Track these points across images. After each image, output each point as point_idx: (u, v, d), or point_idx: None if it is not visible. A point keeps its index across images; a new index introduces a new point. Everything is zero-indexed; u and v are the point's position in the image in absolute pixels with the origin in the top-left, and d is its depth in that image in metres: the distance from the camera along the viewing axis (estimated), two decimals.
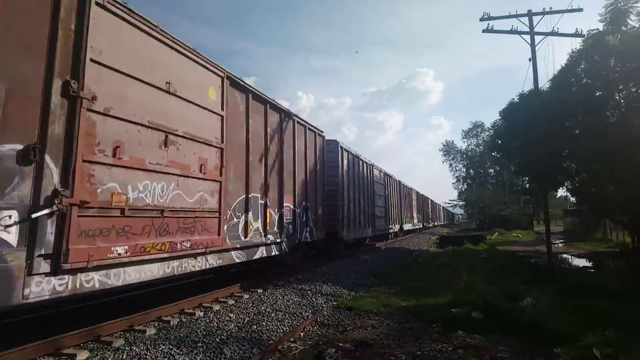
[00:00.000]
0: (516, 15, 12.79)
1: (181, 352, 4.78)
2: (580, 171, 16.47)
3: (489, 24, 13.13)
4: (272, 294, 8.05)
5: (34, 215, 3.90)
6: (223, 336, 5.41)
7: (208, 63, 6.80)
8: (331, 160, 13.94)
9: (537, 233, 33.98)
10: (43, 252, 3.99)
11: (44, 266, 3.99)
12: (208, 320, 6.06)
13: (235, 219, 7.44)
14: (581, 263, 16.71)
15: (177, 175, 5.89)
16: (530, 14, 12.70)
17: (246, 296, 7.79)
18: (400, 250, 20.47)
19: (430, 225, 48.50)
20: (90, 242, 4.48)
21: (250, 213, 7.89)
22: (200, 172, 6.41)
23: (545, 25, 19.28)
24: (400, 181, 27.81)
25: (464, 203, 63.49)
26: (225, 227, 6.99)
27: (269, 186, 8.74)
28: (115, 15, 4.97)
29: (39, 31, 4.10)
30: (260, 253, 8.27)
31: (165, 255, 5.52)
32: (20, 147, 3.84)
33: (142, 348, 4.82)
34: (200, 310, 6.62)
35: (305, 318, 6.64)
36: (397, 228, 26.08)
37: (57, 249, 4.11)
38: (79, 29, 4.47)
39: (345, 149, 15.37)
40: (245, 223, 7.73)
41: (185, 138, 6.09)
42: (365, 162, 18.34)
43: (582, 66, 14.94)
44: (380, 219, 20.86)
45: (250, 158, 8.01)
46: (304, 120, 11.09)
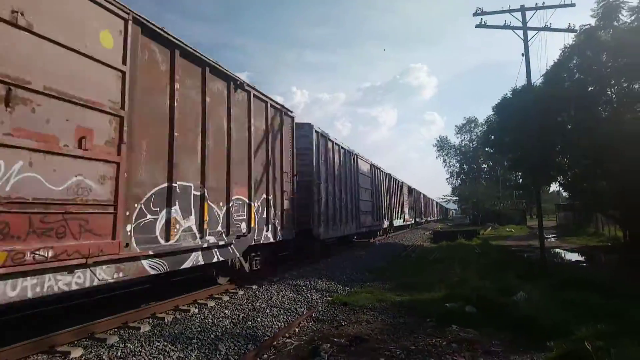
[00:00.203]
0: (509, 10, 12.81)
1: (176, 349, 4.77)
2: (573, 166, 16.58)
3: (482, 19, 13.11)
4: (267, 290, 8.05)
5: None
6: (218, 332, 5.41)
7: None
8: (304, 146, 11.92)
9: (530, 228, 34.24)
10: None
11: None
12: (203, 317, 6.05)
13: (148, 216, 5.58)
14: (573, 257, 16.86)
15: (30, 149, 4.01)
16: (523, 9, 12.71)
17: (241, 292, 7.79)
18: (394, 245, 20.59)
19: (424, 220, 48.58)
20: None
21: (175, 207, 6.04)
22: (79, 148, 4.52)
23: (538, 21, 19.36)
24: (390, 174, 26.13)
25: (457, 198, 63.89)
26: (128, 228, 5.16)
27: (208, 173, 6.86)
28: None
29: None
30: (194, 260, 6.43)
31: None
32: None
33: (137, 345, 4.80)
34: (195, 307, 6.62)
35: (300, 314, 6.66)
36: (387, 224, 24.69)
37: None
38: None
39: (323, 134, 13.28)
40: (167, 221, 5.88)
41: (48, 96, 4.23)
42: (348, 151, 16.34)
43: (575, 61, 15.02)
44: (366, 214, 19.20)
45: (177, 134, 6.13)
46: (265, 95, 9.16)
